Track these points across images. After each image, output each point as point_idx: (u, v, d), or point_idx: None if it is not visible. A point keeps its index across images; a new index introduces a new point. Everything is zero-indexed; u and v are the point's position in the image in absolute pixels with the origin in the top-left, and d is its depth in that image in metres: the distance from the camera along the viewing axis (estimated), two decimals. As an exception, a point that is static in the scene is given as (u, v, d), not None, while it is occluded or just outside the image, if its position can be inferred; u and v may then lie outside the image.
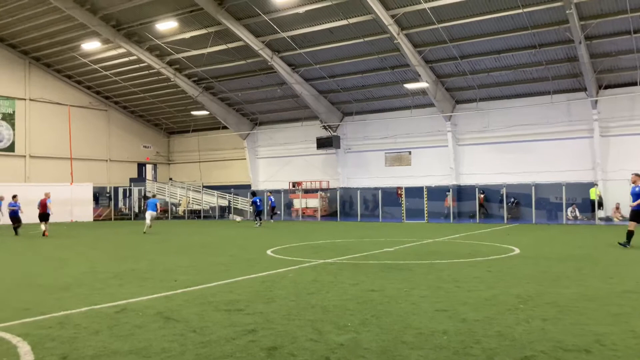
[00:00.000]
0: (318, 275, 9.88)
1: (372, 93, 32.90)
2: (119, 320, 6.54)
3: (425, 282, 9.04)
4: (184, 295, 8.21)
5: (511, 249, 13.99)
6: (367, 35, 26.90)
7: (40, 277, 10.32)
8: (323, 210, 34.95)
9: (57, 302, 7.75)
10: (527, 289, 8.20)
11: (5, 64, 34.84)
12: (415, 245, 15.72)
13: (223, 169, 41.93)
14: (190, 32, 29.36)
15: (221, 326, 6.19)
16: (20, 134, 35.69)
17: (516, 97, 29.81)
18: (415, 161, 33.41)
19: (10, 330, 6.09)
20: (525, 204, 28.76)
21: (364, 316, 6.59)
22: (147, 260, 12.92)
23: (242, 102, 37.06)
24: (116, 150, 41.55)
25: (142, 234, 22.28)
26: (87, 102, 39.56)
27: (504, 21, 24.37)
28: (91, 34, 30.90)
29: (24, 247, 17.13)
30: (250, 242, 18.17)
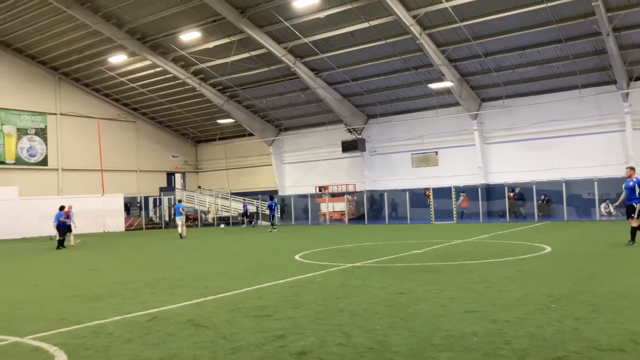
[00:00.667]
0: (346, 279, 9.87)
1: (396, 94, 32.76)
2: (150, 329, 6.65)
3: (454, 283, 8.95)
4: (214, 302, 8.31)
5: (542, 248, 13.76)
6: (389, 36, 26.84)
7: (74, 288, 10.56)
8: (350, 214, 34.90)
9: (91, 312, 7.93)
10: (559, 288, 8.06)
11: (36, 80, 35.82)
12: (444, 247, 15.58)
13: (250, 175, 42.26)
14: (214, 41, 29.74)
15: (250, 332, 6.24)
16: (52, 148, 36.60)
17: (543, 93, 29.31)
18: (442, 161, 33.11)
19: (47, 340, 6.25)
20: (556, 201, 28.23)
21: (392, 319, 6.56)
22: (177, 268, 13.10)
23: (267, 108, 37.32)
24: (145, 160, 42.26)
25: (175, 241, 22.59)
26: (116, 115, 40.36)
27: (528, 16, 24.01)
28: (117, 48, 31.58)
29: (58, 259, 17.55)
30: (278, 247, 18.26)
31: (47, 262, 16.72)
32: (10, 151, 34.58)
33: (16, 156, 34.84)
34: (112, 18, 29.30)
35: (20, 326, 7.14)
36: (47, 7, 28.41)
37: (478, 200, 29.40)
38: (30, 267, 15.44)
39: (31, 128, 35.67)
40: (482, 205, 29.41)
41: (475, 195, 29.55)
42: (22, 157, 35.13)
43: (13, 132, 34.79)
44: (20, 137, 35.13)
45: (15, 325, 7.27)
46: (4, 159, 34.27)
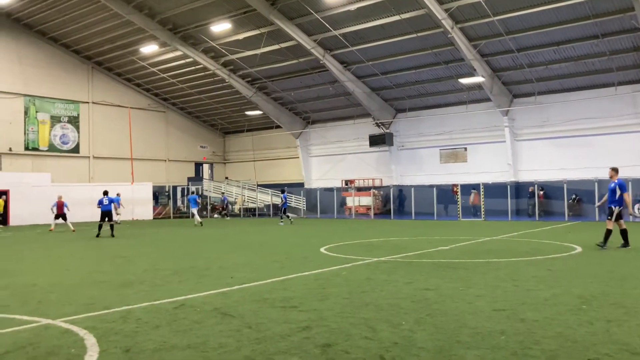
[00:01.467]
0: (372, 274, 9.84)
1: (425, 89, 32.43)
2: (177, 316, 6.74)
3: (481, 281, 8.84)
4: (240, 291, 8.37)
5: (573, 248, 13.49)
6: (420, 30, 26.55)
7: (104, 273, 10.75)
8: (376, 208, 34.77)
9: (120, 297, 8.06)
10: (591, 289, 7.89)
11: (70, 69, 36.50)
12: (471, 244, 15.40)
13: (277, 167, 42.43)
14: (244, 33, 29.85)
15: (276, 323, 6.27)
16: (84, 136, 37.31)
17: (577, 89, 28.66)
18: (471, 158, 32.70)
19: (77, 323, 6.38)
20: (587, 201, 27.63)
21: (418, 315, 6.51)
22: (204, 257, 13.24)
23: (295, 101, 37.36)
24: (174, 150, 42.77)
25: (199, 230, 22.84)
26: (146, 104, 40.90)
27: (563, 11, 23.47)
28: (149, 38, 31.95)
29: (89, 245, 17.90)
30: (304, 240, 18.31)
31: (78, 247, 17.08)
32: (43, 138, 35.37)
33: (49, 143, 35.62)
34: (145, 8, 29.64)
35: (52, 309, 7.30)
36: (82, -3, 28.90)
37: (507, 198, 28.94)
38: (61, 252, 15.79)
39: (64, 116, 36.41)
40: (510, 203, 28.95)
41: (504, 192, 29.09)
42: (55, 144, 35.90)
43: (47, 119, 35.56)
44: (54, 125, 35.89)
45: (47, 307, 7.44)
46: (38, 146, 35.08)
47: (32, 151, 34.74)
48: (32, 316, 6.88)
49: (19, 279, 10.22)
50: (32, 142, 34.82)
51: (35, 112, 35.04)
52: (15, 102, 34.01)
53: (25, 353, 5.26)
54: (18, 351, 5.34)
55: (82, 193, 30.47)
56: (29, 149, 34.61)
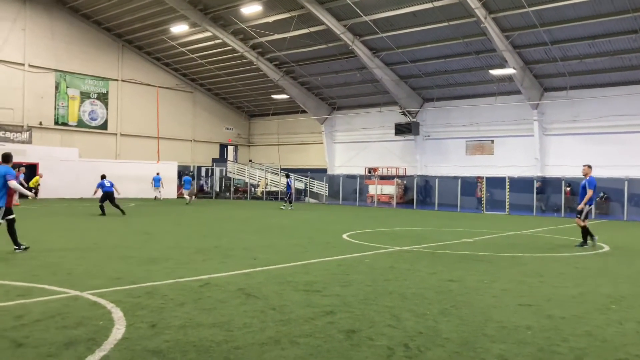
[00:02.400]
0: (395, 262, 9.80)
1: (454, 79, 31.98)
2: (202, 294, 6.81)
3: (506, 275, 8.74)
4: (263, 273, 8.42)
5: (600, 246, 13.24)
6: (452, 19, 26.10)
7: (130, 249, 10.92)
8: (399, 198, 34.59)
9: (146, 273, 8.18)
10: (620, 289, 7.74)
11: (101, 46, 36.85)
12: (495, 237, 15.24)
13: (300, 152, 42.43)
14: (274, 16, 29.72)
15: (300, 306, 6.28)
16: (112, 113, 37.74)
17: (611, 85, 27.94)
18: (497, 150, 32.23)
19: (104, 297, 6.49)
20: (616, 200, 27.08)
21: (442, 306, 6.47)
22: (228, 238, 13.35)
23: (322, 86, 37.20)
24: (200, 130, 43.05)
25: (222, 210, 23.01)
26: (174, 84, 41.15)
27: (601, 4, 22.82)
28: (180, 18, 32.03)
29: (115, 221, 18.18)
30: (326, 225, 18.32)
31: (105, 222, 17.35)
32: (73, 113, 35.88)
33: (78, 119, 36.12)
34: (177, -12, 29.68)
35: (80, 281, 7.44)
36: (115, -25, 29.05)
37: (532, 193, 28.53)
38: (88, 226, 16.07)
39: (93, 92, 36.83)
40: (536, 197, 28.53)
41: (530, 187, 28.67)
42: (84, 120, 36.39)
43: (77, 95, 36.03)
44: (83, 101, 36.36)
45: (75, 280, 7.58)
46: (67, 121, 35.61)
47: (61, 126, 35.28)
48: (61, 287, 7.02)
49: (48, 250, 10.43)
50: (61, 117, 35.35)
51: (66, 87, 35.51)
52: (47, 77, 34.52)
53: (55, 322, 5.38)
54: (48, 320, 5.45)
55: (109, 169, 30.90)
56: (58, 124, 35.16)
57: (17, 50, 33.09)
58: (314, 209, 29.46)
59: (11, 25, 32.83)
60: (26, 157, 30.78)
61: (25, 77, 33.46)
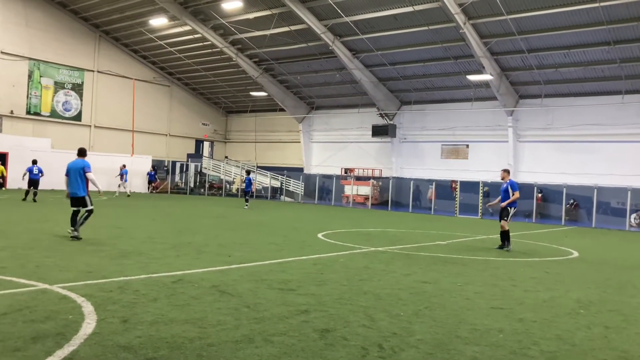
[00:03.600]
0: (369, 263, 9.83)
1: (432, 83, 32.27)
2: (175, 290, 6.72)
3: (480, 278, 8.84)
4: (238, 270, 8.36)
5: (569, 252, 13.50)
6: (432, 23, 26.32)
7: (101, 243, 10.72)
8: (374, 199, 34.75)
9: (118, 267, 8.05)
10: (588, 295, 7.89)
11: (77, 36, 36.15)
12: (468, 241, 15.42)
13: (277, 150, 42.31)
14: (255, 12, 29.56)
15: (275, 304, 6.25)
16: (87, 105, 37.06)
17: (584, 95, 28.54)
18: (472, 155, 32.62)
19: (75, 290, 6.36)
20: (585, 207, 27.66)
21: (416, 307, 6.51)
22: (203, 234, 13.22)
23: (301, 85, 37.15)
24: (176, 125, 42.58)
25: (197, 206, 22.78)
26: (151, 77, 40.61)
27: (578, 15, 23.29)
28: (159, 10, 31.59)
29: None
30: (302, 224, 18.29)
31: (75, 215, 17.00)
32: (46, 103, 35.13)
33: (51, 109, 35.38)
34: (157, -20, 29.30)
35: (50, 274, 7.28)
36: (94, -36, 28.55)
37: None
38: (59, 218, 15.74)
39: (68, 82, 36.13)
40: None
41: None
42: (57, 111, 35.67)
43: (50, 85, 35.29)
44: (57, 91, 35.63)
45: (44, 272, 7.42)
46: (40, 111, 34.84)
47: (33, 115, 34.51)
48: (29, 280, 6.86)
49: (16, 242, 10.19)
50: (34, 106, 34.58)
51: (40, 76, 34.75)
52: (19, 65, 33.71)
53: (23, 316, 5.25)
54: (15, 314, 5.32)
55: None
56: (30, 113, 34.39)
57: (-11, 37, 32.26)
58: (290, 207, 29.39)
59: (-16, 10, 32.00)
60: (-5, 146, 30.09)
61: (-3, 64, 32.65)
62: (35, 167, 21.68)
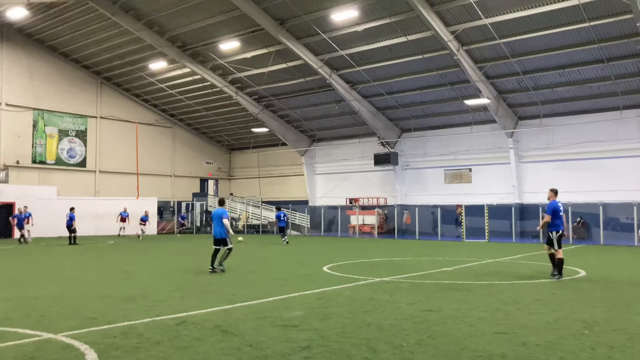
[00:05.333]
0: (374, 294, 9.82)
1: (431, 109, 32.57)
2: (179, 332, 6.75)
3: (484, 303, 8.82)
4: (242, 309, 8.38)
5: (576, 271, 13.42)
6: (426, 51, 26.74)
7: (107, 288, 10.78)
8: (380, 228, 34.69)
9: (122, 312, 8.08)
10: (594, 314, 7.85)
11: (79, 84, 36.87)
12: (474, 265, 15.36)
13: (281, 184, 42.50)
14: (252, 51, 30.14)
15: (277, 341, 6.27)
16: (91, 150, 37.54)
17: (582, 113, 28.73)
18: (475, 178, 32.70)
19: (79, 338, 6.40)
20: (593, 224, 27.51)
21: (420, 336, 6.50)
22: (207, 273, 13.24)
23: (301, 119, 37.56)
24: (180, 165, 42.96)
25: (202, 245, 22.83)
26: (154, 120, 41.18)
27: (569, 35, 23.64)
28: (158, 55, 32.29)
29: (93, 258, 17.93)
30: (307, 258, 18.28)
31: (82, 260, 17.10)
32: (51, 151, 35.62)
33: (56, 156, 35.85)
34: (155, 26, 30.00)
35: (54, 323, 7.33)
36: (93, 14, 29.30)
37: (511, 220, 28.89)
38: (65, 264, 15.83)
39: (72, 130, 36.69)
40: (515, 225, 28.87)
41: (508, 214, 29.04)
42: (62, 158, 36.13)
43: (55, 133, 35.84)
44: (62, 139, 36.16)
45: (49, 321, 7.47)
46: (45, 159, 35.30)
47: (39, 164, 34.96)
48: (34, 330, 6.91)
49: (22, 291, 10.26)
50: (39, 155, 35.06)
51: (44, 125, 35.34)
52: (24, 116, 34.33)
53: (27, 367, 5.29)
54: (20, 365, 5.36)
55: (88, 207, 30.60)
56: (36, 162, 34.84)
57: (-6, 90, 32.96)
58: (296, 240, 29.36)
59: (-12, 64, 32.77)
60: (2, 196, 30.42)
61: (2, 116, 33.27)
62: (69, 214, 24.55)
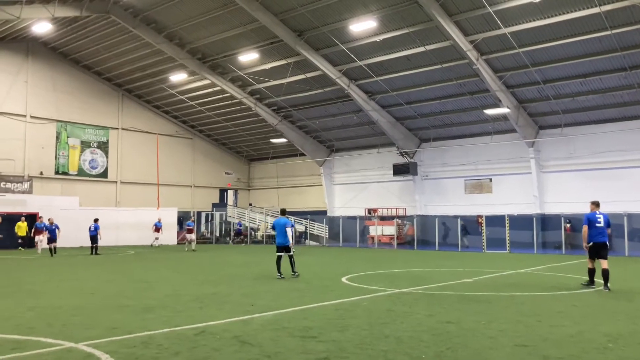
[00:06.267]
0: (393, 305, 9.76)
1: (450, 119, 32.42)
2: (197, 343, 6.78)
3: (504, 315, 8.70)
4: (260, 319, 8.39)
5: (600, 283, 13.16)
6: (445, 61, 26.68)
7: (127, 298, 10.87)
8: (399, 238, 34.51)
9: (142, 322, 8.15)
10: (618, 327, 7.69)
11: (101, 96, 37.53)
12: (495, 277, 15.17)
13: (300, 194, 42.57)
14: (271, 63, 30.40)
15: (294, 353, 6.26)
16: (112, 161, 38.09)
17: (605, 122, 28.33)
18: (496, 189, 32.37)
19: (100, 348, 6.47)
20: (617, 235, 27.00)
21: (438, 348, 6.44)
22: (226, 284, 13.29)
23: (319, 129, 37.67)
24: (200, 176, 43.35)
25: (223, 256, 22.92)
26: (174, 131, 41.68)
27: (591, 44, 23.39)
28: (179, 67, 32.76)
29: (114, 269, 18.12)
30: (326, 268, 18.24)
31: (103, 271, 17.30)
32: (73, 163, 36.22)
33: (79, 168, 36.43)
34: (175, 38, 30.47)
35: (76, 332, 7.42)
36: (115, 27, 29.88)
37: (532, 231, 28.50)
38: (87, 275, 16.02)
39: (94, 141, 37.28)
40: (536, 235, 28.47)
41: (530, 225, 28.66)
42: (84, 169, 36.71)
43: (77, 144, 36.46)
44: (84, 150, 36.76)
45: (70, 331, 7.56)
46: (68, 170, 35.90)
47: (61, 175, 35.55)
48: (56, 339, 7.00)
49: (44, 301, 10.41)
50: (62, 166, 35.67)
51: (67, 137, 35.97)
52: (48, 128, 35.01)
53: (48, 376, 5.35)
54: (41, 374, 5.43)
55: (109, 217, 30.99)
56: (59, 173, 35.45)
57: (19, 102, 33.70)
58: (314, 251, 29.33)
59: (14, 78, 33.54)
60: (26, 207, 30.93)
61: (27, 128, 33.96)
62: (93, 225, 25.16)
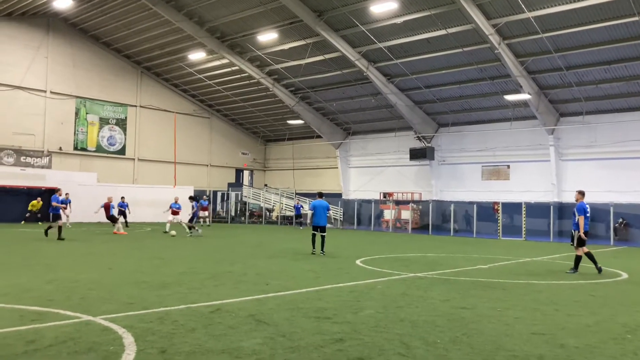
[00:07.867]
0: (407, 289, 9.74)
1: (469, 104, 32.03)
2: (213, 320, 6.83)
3: (520, 302, 8.64)
4: (275, 299, 8.42)
5: (618, 274, 13.02)
6: (466, 45, 26.27)
7: (144, 274, 11.00)
8: (414, 223, 34.40)
9: (158, 298, 8.23)
10: (637, 318, 7.60)
11: (120, 73, 37.65)
12: (511, 264, 15.07)
13: (315, 177, 42.55)
14: (290, 43, 30.19)
15: (310, 333, 6.28)
16: (130, 139, 38.33)
17: (628, 110, 27.76)
18: (514, 176, 32.03)
19: (116, 322, 6.55)
20: (636, 226, 26.64)
21: (454, 334, 6.41)
22: (241, 263, 13.38)
23: (337, 111, 37.47)
24: (216, 155, 43.49)
25: (237, 235, 23.02)
26: (192, 110, 41.76)
27: (616, 30, 22.84)
28: (197, 45, 32.68)
29: (130, 246, 18.34)
30: (340, 251, 18.28)
31: (120, 247, 17.51)
32: (92, 139, 36.50)
33: (97, 144, 36.73)
34: (194, 16, 30.35)
35: (93, 306, 7.52)
36: (135, 4, 29.79)
37: (549, 219, 28.23)
38: (104, 251, 16.23)
39: (112, 118, 37.50)
40: (553, 224, 28.20)
41: (547, 213, 28.38)
42: (103, 146, 36.99)
43: (96, 121, 36.70)
44: (102, 127, 37.01)
45: (88, 304, 7.66)
46: (86, 146, 36.22)
47: (80, 151, 35.88)
48: (74, 312, 7.10)
49: (63, 275, 10.56)
50: (81, 142, 35.98)
51: (86, 113, 36.22)
52: (67, 103, 35.26)
53: (67, 347, 5.44)
54: (60, 345, 5.52)
55: (126, 193, 31.25)
56: (77, 149, 35.77)
57: (39, 78, 33.92)
58: (329, 233, 29.27)
59: (34, 53, 33.73)
60: (45, 181, 31.33)
61: (47, 103, 34.22)
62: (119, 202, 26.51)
